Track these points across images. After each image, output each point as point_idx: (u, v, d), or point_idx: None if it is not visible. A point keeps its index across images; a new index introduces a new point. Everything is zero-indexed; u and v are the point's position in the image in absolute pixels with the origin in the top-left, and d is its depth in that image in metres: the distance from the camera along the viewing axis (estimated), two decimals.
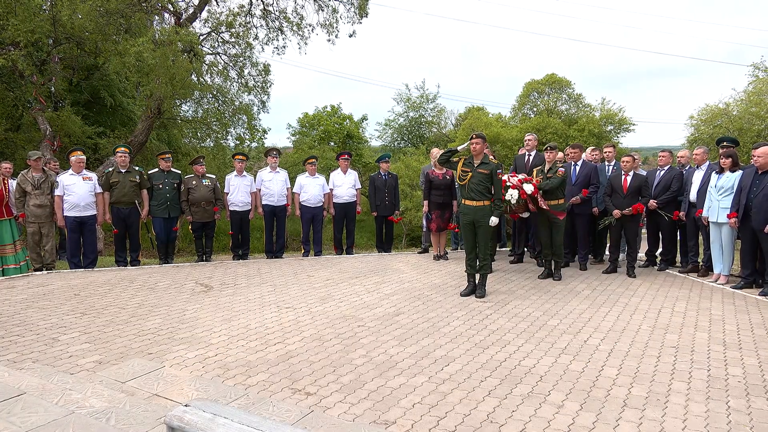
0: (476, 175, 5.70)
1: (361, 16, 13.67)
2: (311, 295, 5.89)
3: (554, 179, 6.55)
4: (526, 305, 5.44)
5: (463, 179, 5.77)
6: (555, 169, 6.61)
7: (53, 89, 12.85)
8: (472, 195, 5.71)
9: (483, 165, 5.78)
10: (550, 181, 6.54)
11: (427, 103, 32.46)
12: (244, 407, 2.96)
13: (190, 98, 13.77)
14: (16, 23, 10.33)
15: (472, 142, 5.77)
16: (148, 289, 6.11)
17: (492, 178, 5.68)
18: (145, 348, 4.16)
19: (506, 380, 3.56)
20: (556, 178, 6.54)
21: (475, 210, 5.73)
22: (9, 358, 3.91)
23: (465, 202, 5.81)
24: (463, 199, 5.85)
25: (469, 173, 5.73)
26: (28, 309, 5.24)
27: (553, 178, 6.56)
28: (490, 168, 5.70)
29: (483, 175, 5.67)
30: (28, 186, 7.01)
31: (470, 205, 5.75)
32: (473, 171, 5.75)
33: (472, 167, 5.76)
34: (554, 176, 6.57)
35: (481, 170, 5.69)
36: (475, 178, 5.69)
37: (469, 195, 5.75)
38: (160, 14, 13.24)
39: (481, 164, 5.79)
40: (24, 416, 2.37)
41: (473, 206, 5.73)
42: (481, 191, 5.68)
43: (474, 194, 5.70)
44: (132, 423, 2.52)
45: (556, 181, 6.54)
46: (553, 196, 6.60)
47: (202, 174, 7.94)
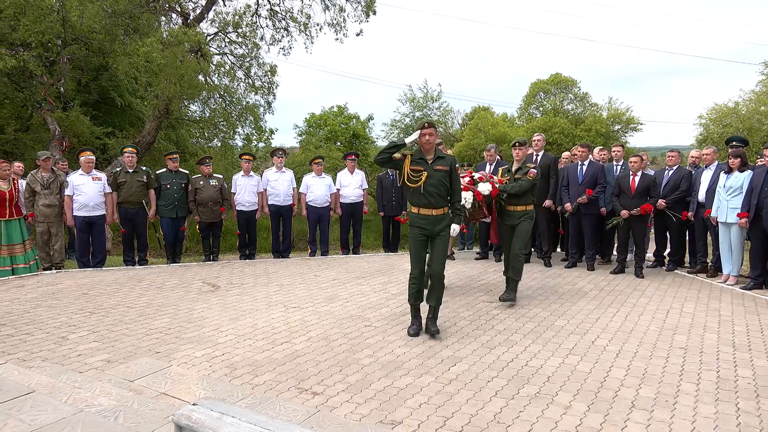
0: (434, 175, 4.35)
1: (368, 14, 13.69)
2: (318, 294, 5.89)
3: (523, 182, 5.47)
4: (533, 305, 5.42)
5: (416, 181, 4.36)
6: (525, 170, 5.56)
7: (62, 90, 12.95)
8: (431, 201, 4.35)
9: (439, 160, 4.43)
10: (518, 184, 5.47)
11: (432, 103, 32.41)
12: (250, 406, 2.97)
13: (198, 98, 13.84)
14: (26, 23, 10.42)
15: (424, 133, 4.30)
16: (155, 289, 6.15)
17: (451, 176, 4.44)
18: (153, 347, 4.18)
19: (513, 381, 3.55)
20: (526, 180, 5.48)
21: (434, 220, 4.39)
22: (19, 356, 3.94)
23: (420, 212, 4.42)
24: (414, 208, 4.44)
25: (424, 173, 4.35)
26: (37, 308, 5.28)
27: (522, 180, 5.50)
28: (449, 163, 4.44)
29: (442, 174, 4.38)
30: (38, 186, 7.07)
31: (427, 215, 4.38)
32: (428, 170, 4.38)
33: (426, 165, 4.39)
34: (523, 178, 5.50)
35: (439, 167, 4.37)
36: (433, 179, 4.35)
37: (425, 201, 4.37)
38: (168, 15, 13.32)
39: (437, 159, 4.43)
40: (33, 414, 2.39)
41: (432, 216, 4.38)
42: (442, 195, 4.39)
43: (433, 199, 4.35)
44: (140, 421, 2.53)
45: (524, 184, 5.46)
46: (521, 201, 5.52)
47: (209, 174, 7.98)
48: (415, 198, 4.40)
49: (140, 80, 14.89)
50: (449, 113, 32.64)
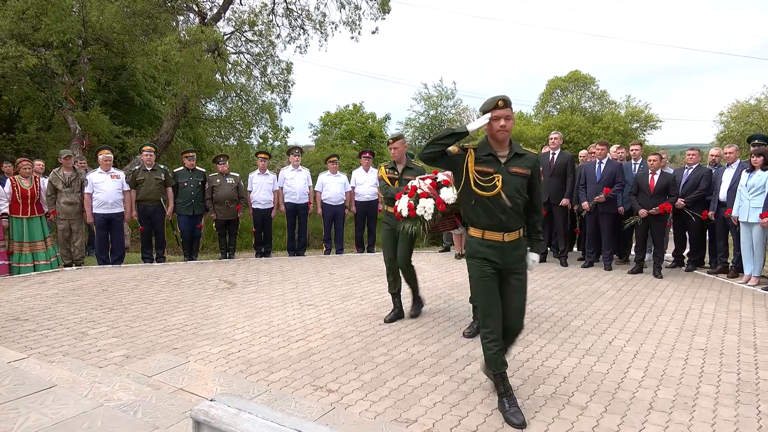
0: (510, 181, 3.76)
1: (383, 11, 13.68)
2: (333, 292, 5.91)
3: None
4: (549, 305, 5.38)
5: (488, 189, 4.11)
6: None
7: (83, 89, 13.17)
8: (504, 220, 3.95)
9: (517, 160, 4.71)
10: None
11: (446, 101, 32.29)
12: (266, 403, 3.00)
13: (215, 97, 13.97)
14: (48, 23, 10.61)
15: (498, 115, 3.10)
16: (173, 286, 6.22)
17: (533, 183, 4.11)
18: (171, 343, 4.23)
19: (529, 381, 3.53)
20: None
21: (506, 249, 3.79)
22: (40, 351, 4.02)
23: (484, 236, 3.49)
24: (475, 230, 3.54)
25: (497, 176, 3.82)
26: (58, 303, 5.38)
27: None
28: (532, 164, 3.89)
29: (521, 179, 4.07)
30: (60, 184, 7.20)
31: (496, 242, 3.69)
32: (502, 172, 3.77)
33: (499, 165, 4.36)
34: None
35: (517, 169, 3.81)
36: (508, 186, 3.78)
37: (496, 221, 3.71)
38: (185, 14, 13.47)
39: (514, 158, 4.76)
40: (55, 408, 2.43)
41: (503, 243, 3.79)
42: (518, 211, 4.12)
43: (507, 218, 3.97)
44: (158, 416, 2.57)
45: None
46: None
47: (225, 172, 8.05)
48: (480, 214, 3.07)
49: (158, 79, 15.10)
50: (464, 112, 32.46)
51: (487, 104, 2.98)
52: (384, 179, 4.86)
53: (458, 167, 3.08)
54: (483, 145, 3.06)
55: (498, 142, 3.02)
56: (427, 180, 4.40)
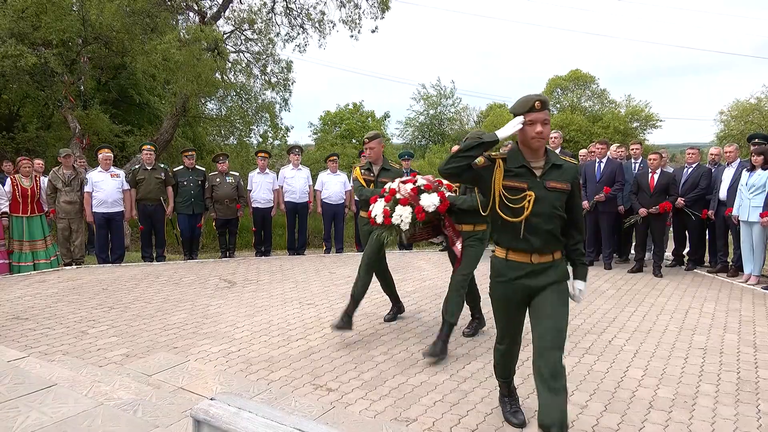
0: (545, 197, 3.13)
1: (383, 10, 13.67)
2: (333, 291, 5.91)
3: (476, 194, 3.89)
4: None
5: (517, 208, 3.49)
6: None
7: (83, 88, 13.16)
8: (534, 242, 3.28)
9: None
10: (471, 197, 3.94)
11: (446, 100, 32.31)
12: (266, 402, 3.00)
13: (214, 96, 13.97)
14: (48, 21, 10.60)
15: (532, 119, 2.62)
16: (173, 285, 6.22)
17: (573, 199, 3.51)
18: (171, 342, 4.24)
19: (528, 379, 3.53)
20: None
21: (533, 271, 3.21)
22: (40, 350, 4.02)
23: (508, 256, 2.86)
24: (501, 249, 2.95)
25: (529, 193, 3.26)
26: (58, 302, 5.38)
27: None
28: (571, 176, 3.23)
29: (558, 195, 3.47)
30: (59, 183, 7.19)
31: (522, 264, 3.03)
32: (536, 187, 3.06)
33: (533, 178, 3.60)
34: None
35: (555, 184, 3.23)
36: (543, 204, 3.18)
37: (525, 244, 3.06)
38: (185, 13, 13.46)
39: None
40: (55, 407, 2.44)
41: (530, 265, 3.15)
42: (554, 232, 3.48)
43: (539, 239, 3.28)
44: (158, 415, 2.57)
45: (477, 198, 3.85)
46: (470, 219, 4.01)
47: (225, 171, 8.05)
48: (507, 234, 2.63)
49: (158, 78, 15.08)
50: (464, 111, 32.51)
51: (520, 105, 2.50)
52: (359, 180, 4.58)
53: (484, 182, 2.59)
54: (514, 154, 2.57)
55: (532, 151, 2.54)
56: (408, 184, 3.90)
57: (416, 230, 3.90)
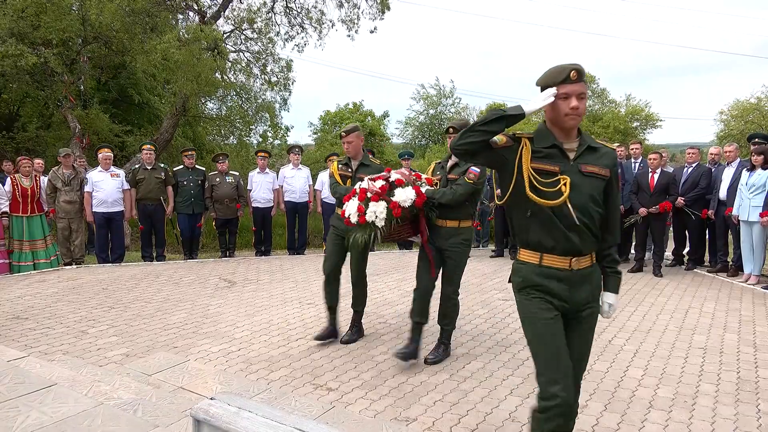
0: (582, 184, 2.78)
1: (383, 11, 13.68)
2: None
3: (458, 187, 3.67)
4: None
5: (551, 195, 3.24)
6: (464, 168, 3.72)
7: (82, 88, 13.16)
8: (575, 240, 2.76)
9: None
10: (452, 190, 3.69)
11: (445, 100, 32.30)
12: (266, 401, 3.00)
13: (214, 96, 13.96)
14: (47, 21, 10.60)
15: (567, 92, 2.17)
16: (173, 284, 6.22)
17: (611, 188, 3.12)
18: (171, 342, 4.24)
19: (528, 379, 3.53)
20: (464, 183, 3.67)
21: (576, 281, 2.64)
22: (41, 349, 4.02)
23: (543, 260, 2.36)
24: (531, 253, 2.40)
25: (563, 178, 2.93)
26: (58, 302, 5.38)
27: (459, 183, 3.70)
28: (610, 161, 2.85)
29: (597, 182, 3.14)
30: (59, 182, 7.19)
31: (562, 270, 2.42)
32: (570, 171, 2.69)
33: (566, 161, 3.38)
34: (461, 179, 3.70)
35: (592, 168, 2.90)
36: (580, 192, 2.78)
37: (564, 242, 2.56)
38: (185, 13, 13.45)
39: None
40: (55, 406, 2.44)
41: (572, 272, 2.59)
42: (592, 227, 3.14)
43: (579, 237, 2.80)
44: (158, 415, 2.57)
45: (460, 190, 3.65)
46: (453, 214, 3.74)
47: (225, 171, 8.05)
48: (537, 232, 2.15)
49: (158, 78, 15.08)
50: (464, 110, 32.48)
51: (551, 75, 2.08)
52: (335, 177, 4.24)
53: (506, 164, 2.16)
54: (542, 133, 2.16)
55: (564, 131, 2.13)
56: (379, 181, 3.67)
57: (392, 228, 3.62)
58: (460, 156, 2.23)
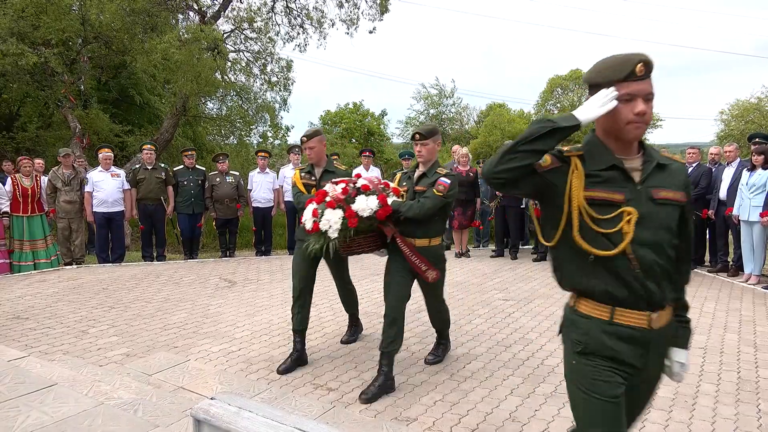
0: (653, 213, 2.06)
1: (382, 12, 13.70)
2: (333, 291, 5.88)
3: (426, 200, 3.31)
4: (549, 304, 5.38)
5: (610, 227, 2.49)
6: (433, 179, 3.37)
7: (83, 88, 13.16)
8: (649, 287, 1.83)
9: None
10: (420, 203, 3.31)
11: (446, 99, 32.31)
12: (267, 401, 3.00)
13: (215, 96, 13.97)
14: (47, 21, 10.60)
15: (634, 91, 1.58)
16: (173, 284, 6.22)
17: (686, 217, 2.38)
18: (171, 342, 4.24)
19: (529, 379, 3.53)
20: (432, 196, 3.31)
21: (651, 339, 1.85)
22: (41, 349, 4.02)
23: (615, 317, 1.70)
24: (590, 303, 1.74)
25: (626, 209, 2.11)
26: (58, 302, 5.38)
27: (427, 194, 3.34)
28: (682, 181, 2.11)
29: (671, 210, 2.48)
30: (59, 182, 7.20)
31: (636, 329, 1.69)
32: (637, 199, 1.93)
33: (630, 184, 2.06)
34: (429, 192, 3.34)
35: (666, 193, 2.16)
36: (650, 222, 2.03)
37: (634, 289, 1.79)
38: (185, 13, 13.45)
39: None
40: (56, 406, 2.44)
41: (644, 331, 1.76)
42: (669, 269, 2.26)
43: (654, 283, 1.81)
44: (159, 415, 2.57)
45: (428, 203, 3.29)
46: (422, 231, 3.37)
47: (225, 171, 8.05)
48: (603, 277, 1.64)
49: (158, 78, 15.08)
50: (464, 110, 32.49)
51: (609, 69, 1.57)
52: (297, 186, 3.92)
53: (554, 193, 1.63)
54: (596, 148, 1.64)
55: (623, 144, 1.62)
56: (341, 184, 3.29)
57: (352, 240, 3.22)
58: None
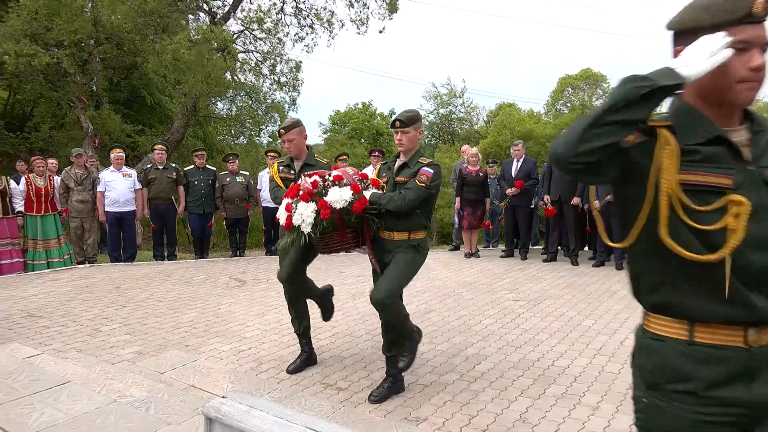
0: None
1: (391, 12, 13.72)
2: (342, 291, 5.92)
3: (408, 191, 3.08)
4: (560, 304, 5.35)
5: None
6: (415, 169, 3.14)
7: (95, 88, 13.30)
8: None
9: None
10: (400, 195, 3.08)
11: (456, 99, 32.22)
12: (277, 401, 3.01)
13: (224, 96, 14.06)
14: (60, 23, 10.73)
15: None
16: (184, 283, 6.27)
17: None
18: (182, 340, 4.27)
19: (539, 380, 3.51)
20: (414, 187, 3.08)
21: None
22: (54, 347, 4.07)
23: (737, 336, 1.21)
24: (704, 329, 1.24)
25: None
26: (71, 300, 5.44)
27: (409, 185, 3.11)
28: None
29: None
30: (71, 182, 7.28)
31: None
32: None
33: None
34: (410, 183, 3.11)
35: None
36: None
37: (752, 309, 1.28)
38: (196, 14, 13.55)
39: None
40: (69, 404, 2.47)
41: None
42: None
43: None
44: (170, 413, 2.59)
45: (410, 195, 3.06)
46: (402, 224, 3.14)
47: (235, 171, 8.09)
48: (687, 286, 1.22)
49: (169, 78, 15.22)
50: (474, 110, 32.37)
51: (719, 8, 1.17)
52: (275, 180, 3.71)
53: (635, 175, 1.25)
54: (689, 117, 1.25)
55: (727, 111, 1.23)
56: (314, 176, 3.11)
57: (329, 237, 3.05)
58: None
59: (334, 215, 2.98)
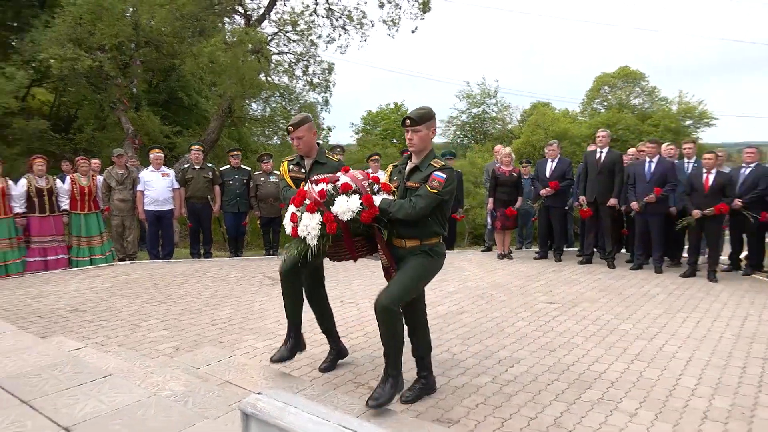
0: None
1: (424, 11, 13.67)
2: (374, 290, 5.91)
3: (418, 198, 2.92)
4: (596, 308, 5.23)
5: None
6: (426, 173, 2.98)
7: (135, 90, 13.72)
8: None
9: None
10: (411, 203, 2.92)
11: (489, 99, 31.88)
12: (309, 398, 3.04)
13: (259, 97, 14.29)
14: (102, 28, 11.11)
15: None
16: (219, 281, 6.39)
17: None
18: (218, 336, 4.36)
19: (574, 384, 3.44)
20: (425, 194, 2.92)
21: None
22: (97, 341, 4.21)
23: None
24: None
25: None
26: (113, 296, 5.63)
27: (419, 192, 2.95)
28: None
29: None
30: (113, 181, 7.52)
31: None
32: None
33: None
34: (422, 189, 2.95)
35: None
36: None
37: None
38: (231, 16, 13.82)
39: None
40: (111, 396, 2.55)
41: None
42: None
43: None
44: (207, 407, 2.65)
45: (420, 203, 2.90)
46: (414, 232, 3.03)
47: (269, 171, 8.21)
48: None
49: (205, 80, 15.57)
50: (507, 109, 31.97)
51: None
52: (285, 179, 3.57)
53: None
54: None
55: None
56: (321, 184, 2.95)
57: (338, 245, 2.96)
58: None
59: (340, 228, 2.87)
